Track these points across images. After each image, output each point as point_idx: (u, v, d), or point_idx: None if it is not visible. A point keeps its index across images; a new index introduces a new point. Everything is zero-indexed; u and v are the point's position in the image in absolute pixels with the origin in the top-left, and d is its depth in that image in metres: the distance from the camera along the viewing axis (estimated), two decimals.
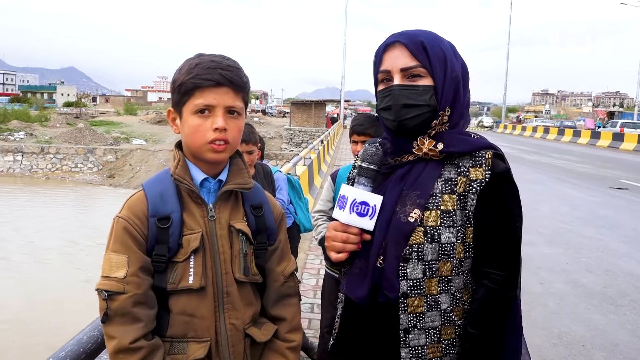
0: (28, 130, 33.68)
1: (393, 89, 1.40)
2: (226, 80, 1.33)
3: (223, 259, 1.37)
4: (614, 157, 22.64)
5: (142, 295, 1.28)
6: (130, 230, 1.31)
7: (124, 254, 1.29)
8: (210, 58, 1.35)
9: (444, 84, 1.38)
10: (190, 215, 1.36)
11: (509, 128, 49.19)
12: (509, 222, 1.36)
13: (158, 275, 1.32)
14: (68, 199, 23.00)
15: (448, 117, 1.41)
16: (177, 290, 1.33)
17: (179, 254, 1.33)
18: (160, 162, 27.94)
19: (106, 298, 1.25)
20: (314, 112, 40.09)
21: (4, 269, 12.29)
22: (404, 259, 1.33)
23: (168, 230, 1.32)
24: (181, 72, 1.35)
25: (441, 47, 1.40)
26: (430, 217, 1.34)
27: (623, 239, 7.89)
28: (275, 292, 1.49)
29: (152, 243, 1.32)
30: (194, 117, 1.33)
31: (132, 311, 1.26)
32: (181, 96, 1.34)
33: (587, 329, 4.60)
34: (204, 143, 1.33)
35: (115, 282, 1.26)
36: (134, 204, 1.35)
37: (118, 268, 1.27)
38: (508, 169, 1.37)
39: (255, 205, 1.47)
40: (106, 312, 1.25)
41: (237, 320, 1.39)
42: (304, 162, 10.49)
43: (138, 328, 1.26)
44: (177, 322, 1.33)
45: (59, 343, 1.48)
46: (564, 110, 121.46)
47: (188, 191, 1.37)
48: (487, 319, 1.33)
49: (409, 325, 1.34)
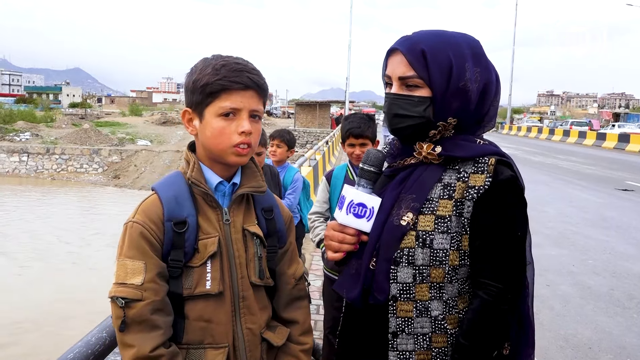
0: (34, 131, 33.80)
1: (389, 97, 1.40)
2: (253, 83, 1.32)
3: (239, 262, 1.36)
4: (620, 159, 22.53)
5: (160, 302, 1.25)
6: (147, 235, 1.27)
7: (141, 259, 1.25)
8: (235, 60, 1.33)
9: (445, 94, 1.33)
10: (206, 219, 1.34)
11: (514, 129, 49.04)
12: (509, 232, 1.30)
13: (173, 281, 1.29)
14: (73, 198, 23.06)
15: (454, 126, 1.37)
16: (194, 296, 1.30)
17: (195, 258, 1.31)
18: (165, 163, 27.99)
19: (123, 305, 1.22)
20: (319, 113, 40.08)
21: (8, 268, 12.33)
22: (395, 262, 1.31)
23: (184, 235, 1.29)
24: (203, 72, 1.30)
25: (448, 55, 1.33)
26: (424, 222, 1.31)
27: (630, 241, 7.85)
28: (287, 295, 1.49)
29: (167, 248, 1.29)
30: (219, 119, 1.30)
31: (150, 318, 1.23)
32: (204, 97, 1.30)
33: (593, 332, 4.58)
34: (229, 146, 1.31)
35: (132, 289, 1.23)
36: (149, 208, 1.31)
37: (134, 274, 1.24)
38: (513, 176, 1.32)
39: (266, 208, 1.46)
40: (123, 320, 1.22)
41: (253, 325, 1.38)
42: (309, 163, 10.49)
43: (157, 336, 1.23)
44: (194, 328, 1.31)
45: (67, 345, 1.48)
46: (569, 112, 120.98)
47: (203, 194, 1.35)
48: (478, 331, 1.29)
49: (397, 329, 1.32)
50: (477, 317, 1.29)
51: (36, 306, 9.82)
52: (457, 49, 1.35)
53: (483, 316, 1.29)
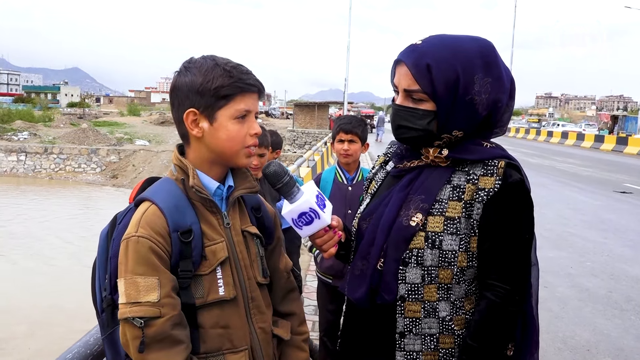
0: (32, 130, 33.74)
1: (394, 107, 1.41)
2: (260, 85, 1.34)
3: (243, 265, 1.36)
4: (618, 161, 22.56)
5: (178, 316, 1.22)
6: (156, 250, 1.22)
7: (153, 275, 1.21)
8: (237, 63, 1.33)
9: (451, 108, 1.33)
10: (209, 225, 1.31)
11: (512, 131, 49.10)
12: (517, 234, 1.32)
13: (183, 292, 1.25)
14: (71, 198, 23.03)
15: (461, 137, 1.37)
16: (207, 304, 1.28)
17: (203, 266, 1.28)
18: (163, 163, 27.96)
19: (142, 325, 1.17)
20: (317, 114, 40.07)
21: (3, 267, 12.31)
22: (404, 263, 1.32)
23: (191, 244, 1.26)
24: (213, 74, 1.27)
25: (455, 68, 1.31)
26: (433, 223, 1.32)
27: (628, 243, 7.85)
28: (282, 289, 1.51)
29: (176, 259, 1.25)
30: (234, 122, 1.30)
31: (172, 334, 1.20)
32: (217, 99, 1.28)
33: (591, 334, 4.58)
34: (242, 148, 1.32)
35: (148, 307, 1.18)
36: (152, 220, 1.25)
37: (148, 292, 1.19)
38: (522, 180, 1.33)
39: (255, 206, 1.47)
40: (142, 340, 1.17)
41: (264, 324, 1.39)
42: (308, 163, 10.50)
43: (181, 350, 1.21)
44: (211, 336, 1.29)
45: (66, 345, 1.47)
46: (567, 114, 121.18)
47: (202, 200, 1.32)
48: (487, 332, 1.30)
49: (404, 330, 1.33)
50: (485, 319, 1.30)
51: (33, 306, 9.80)
52: (465, 61, 1.32)
53: (491, 317, 1.30)
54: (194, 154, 1.35)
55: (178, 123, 1.34)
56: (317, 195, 1.39)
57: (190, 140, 1.34)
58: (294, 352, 1.48)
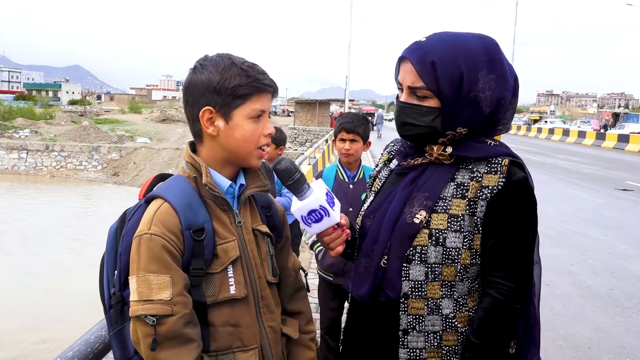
0: (33, 128, 33.77)
1: (398, 104, 1.41)
2: (275, 86, 1.34)
3: (254, 263, 1.35)
4: (620, 159, 22.53)
5: (189, 314, 1.22)
6: (169, 247, 1.21)
7: (165, 273, 1.20)
8: (253, 62, 1.32)
9: (455, 105, 1.33)
10: (220, 223, 1.31)
11: (513, 128, 49.09)
12: (521, 232, 1.32)
13: (194, 290, 1.25)
14: (73, 196, 23.05)
15: (464, 134, 1.37)
16: (218, 302, 1.27)
17: (214, 264, 1.27)
18: (164, 161, 27.98)
19: (154, 323, 1.17)
20: (319, 112, 40.03)
21: (4, 264, 12.33)
22: (407, 260, 1.32)
23: (203, 242, 1.25)
24: (230, 73, 1.27)
25: (459, 66, 1.31)
26: (437, 220, 1.32)
27: (629, 241, 7.84)
28: (290, 288, 1.51)
29: (188, 257, 1.24)
30: (250, 121, 1.29)
31: (184, 332, 1.20)
32: (234, 98, 1.27)
33: (593, 331, 4.57)
34: (255, 148, 1.32)
35: (161, 305, 1.18)
36: (165, 218, 1.23)
37: (160, 289, 1.19)
38: (526, 177, 1.33)
39: (265, 205, 1.47)
40: (154, 338, 1.17)
41: (274, 323, 1.39)
42: (309, 161, 10.49)
43: (193, 348, 1.21)
44: (222, 334, 1.29)
45: (67, 343, 1.47)
46: (569, 111, 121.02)
47: (214, 198, 1.31)
48: (490, 329, 1.30)
49: (408, 327, 1.33)
50: (488, 316, 1.31)
51: (34, 304, 9.83)
52: (470, 58, 1.32)
53: (495, 315, 1.30)
54: (207, 152, 1.33)
55: (192, 121, 1.32)
56: (326, 192, 1.38)
57: (203, 138, 1.33)
58: (301, 351, 1.49)
